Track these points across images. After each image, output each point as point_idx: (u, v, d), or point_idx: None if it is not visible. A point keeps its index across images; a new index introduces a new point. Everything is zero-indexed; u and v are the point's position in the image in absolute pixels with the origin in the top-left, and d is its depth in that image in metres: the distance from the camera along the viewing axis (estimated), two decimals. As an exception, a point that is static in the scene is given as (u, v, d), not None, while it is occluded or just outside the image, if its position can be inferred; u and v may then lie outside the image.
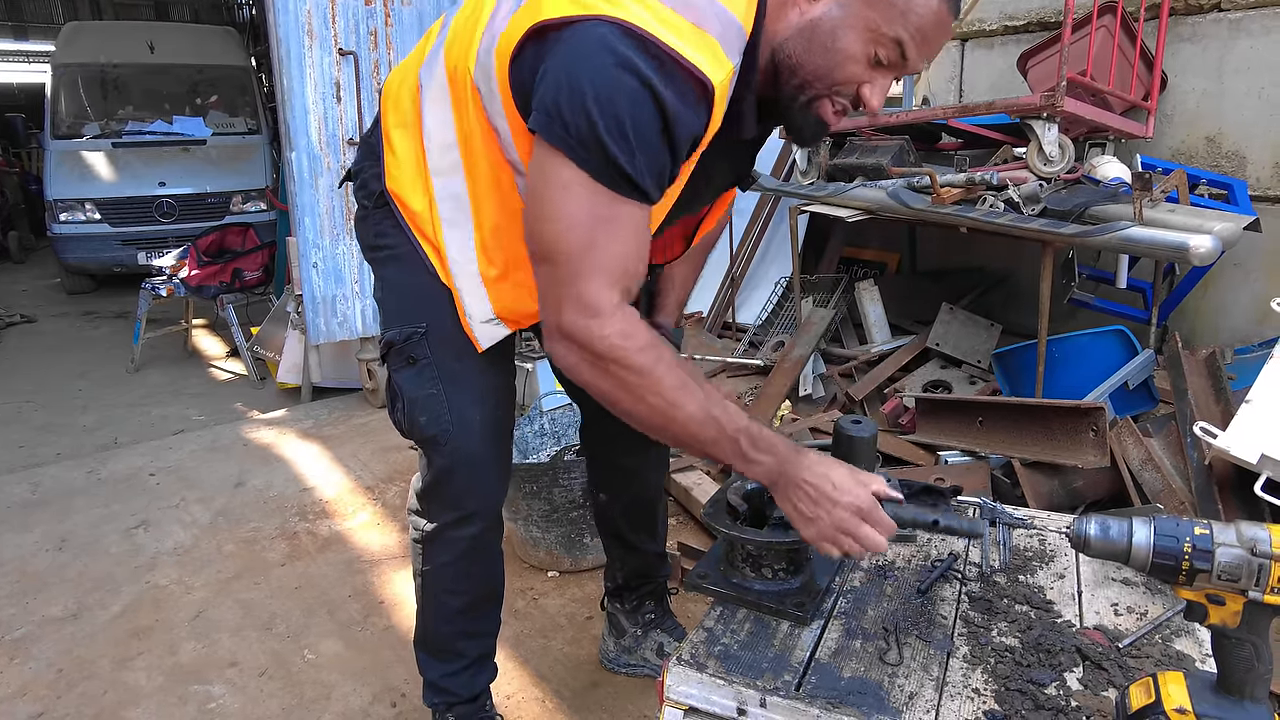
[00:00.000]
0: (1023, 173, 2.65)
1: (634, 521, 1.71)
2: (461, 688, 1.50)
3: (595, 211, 0.98)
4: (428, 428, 1.30)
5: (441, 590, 1.44)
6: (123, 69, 6.86)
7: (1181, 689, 0.84)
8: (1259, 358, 2.16)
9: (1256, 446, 1.69)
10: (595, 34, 0.93)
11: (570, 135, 0.95)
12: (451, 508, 1.36)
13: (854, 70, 1.02)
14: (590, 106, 0.93)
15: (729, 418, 1.03)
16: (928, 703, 0.95)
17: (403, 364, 1.30)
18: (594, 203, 0.98)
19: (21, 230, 9.34)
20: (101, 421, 3.87)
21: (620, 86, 0.92)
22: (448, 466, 1.33)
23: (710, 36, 0.96)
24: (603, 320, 0.99)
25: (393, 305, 1.32)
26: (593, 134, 0.93)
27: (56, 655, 2.02)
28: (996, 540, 1.29)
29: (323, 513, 2.72)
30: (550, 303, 1.03)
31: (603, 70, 0.92)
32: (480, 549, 1.41)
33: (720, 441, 1.03)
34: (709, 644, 1.06)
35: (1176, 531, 0.82)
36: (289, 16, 3.25)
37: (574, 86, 0.94)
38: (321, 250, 3.51)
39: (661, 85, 0.93)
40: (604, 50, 0.93)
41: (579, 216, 0.98)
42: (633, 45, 0.92)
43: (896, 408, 2.69)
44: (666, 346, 1.04)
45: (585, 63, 0.94)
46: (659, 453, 1.69)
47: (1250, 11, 2.80)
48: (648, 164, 0.97)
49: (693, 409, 1.01)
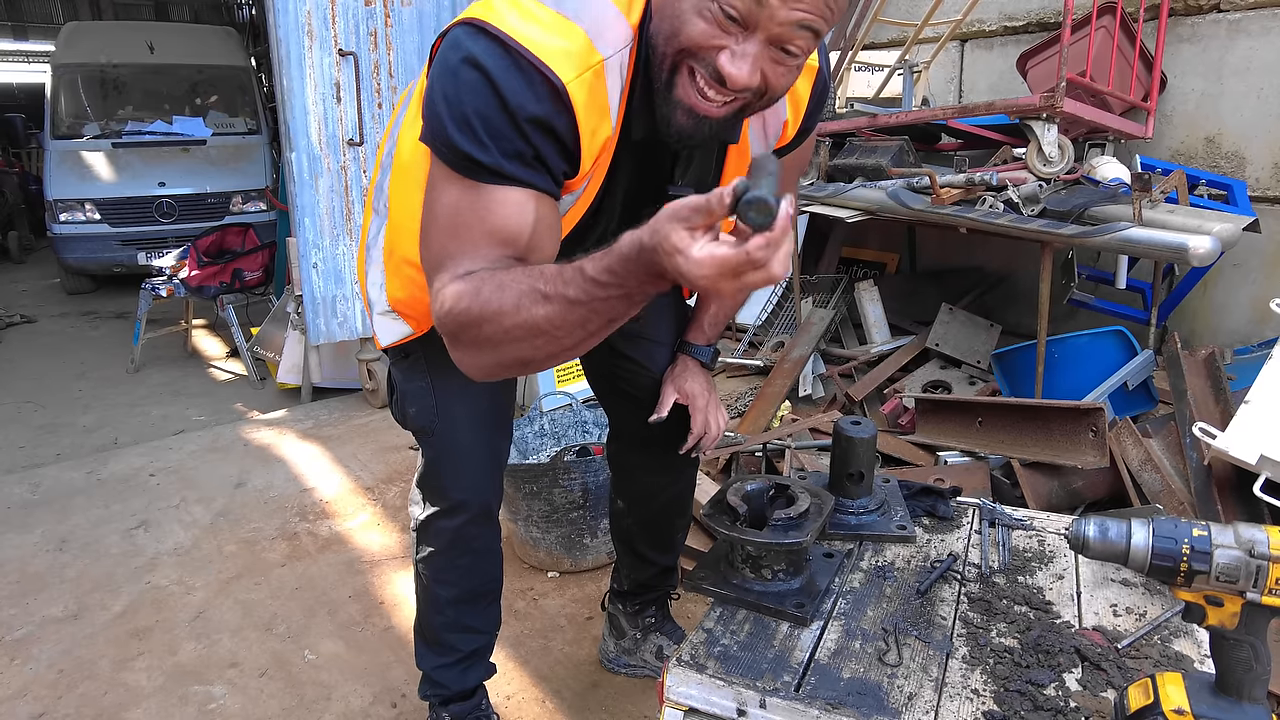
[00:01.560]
0: (1022, 173, 2.65)
1: (649, 534, 1.69)
2: (453, 681, 1.51)
3: (459, 204, 0.96)
4: (417, 419, 1.35)
5: (432, 580, 1.47)
6: (122, 69, 6.86)
7: (1180, 690, 0.85)
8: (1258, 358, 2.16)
9: (1255, 447, 1.69)
10: (452, 37, 0.96)
11: (434, 136, 0.96)
12: (440, 497, 1.40)
13: (701, 28, 0.90)
14: (439, 105, 0.94)
15: (574, 277, 0.85)
16: (927, 703, 0.95)
17: (398, 358, 1.35)
18: (459, 196, 0.96)
19: (21, 230, 9.32)
20: (101, 422, 3.87)
21: (462, 82, 0.93)
22: (436, 457, 1.38)
23: (577, 26, 0.94)
24: (441, 297, 0.94)
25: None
26: (443, 131, 0.94)
27: (57, 656, 2.03)
28: (996, 541, 1.29)
29: (323, 513, 2.72)
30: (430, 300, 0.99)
31: (449, 68, 0.94)
32: (467, 540, 1.42)
33: (581, 303, 0.86)
34: (709, 645, 1.06)
35: (1175, 533, 0.82)
36: (289, 17, 3.25)
37: (432, 89, 0.96)
38: (321, 250, 3.51)
39: (501, 76, 0.91)
40: (452, 49, 0.95)
41: (444, 210, 0.98)
42: (481, 41, 0.93)
43: (896, 408, 2.69)
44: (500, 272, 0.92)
45: (439, 65, 0.96)
46: (685, 473, 1.64)
47: (1249, 12, 2.80)
48: (504, 151, 0.93)
49: (546, 310, 0.87)
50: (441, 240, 0.98)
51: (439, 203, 0.98)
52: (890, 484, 1.41)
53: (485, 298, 0.90)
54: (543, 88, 0.93)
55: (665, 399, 1.44)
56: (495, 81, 0.91)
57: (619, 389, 1.53)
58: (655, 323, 1.47)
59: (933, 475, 2.17)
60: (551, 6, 0.95)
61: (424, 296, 1.12)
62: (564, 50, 0.93)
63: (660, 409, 1.43)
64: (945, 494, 1.40)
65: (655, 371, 1.48)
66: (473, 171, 0.95)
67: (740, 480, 1.25)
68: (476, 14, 0.95)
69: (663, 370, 1.48)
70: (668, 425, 1.45)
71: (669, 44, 0.94)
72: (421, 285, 1.11)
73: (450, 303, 0.93)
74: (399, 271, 1.23)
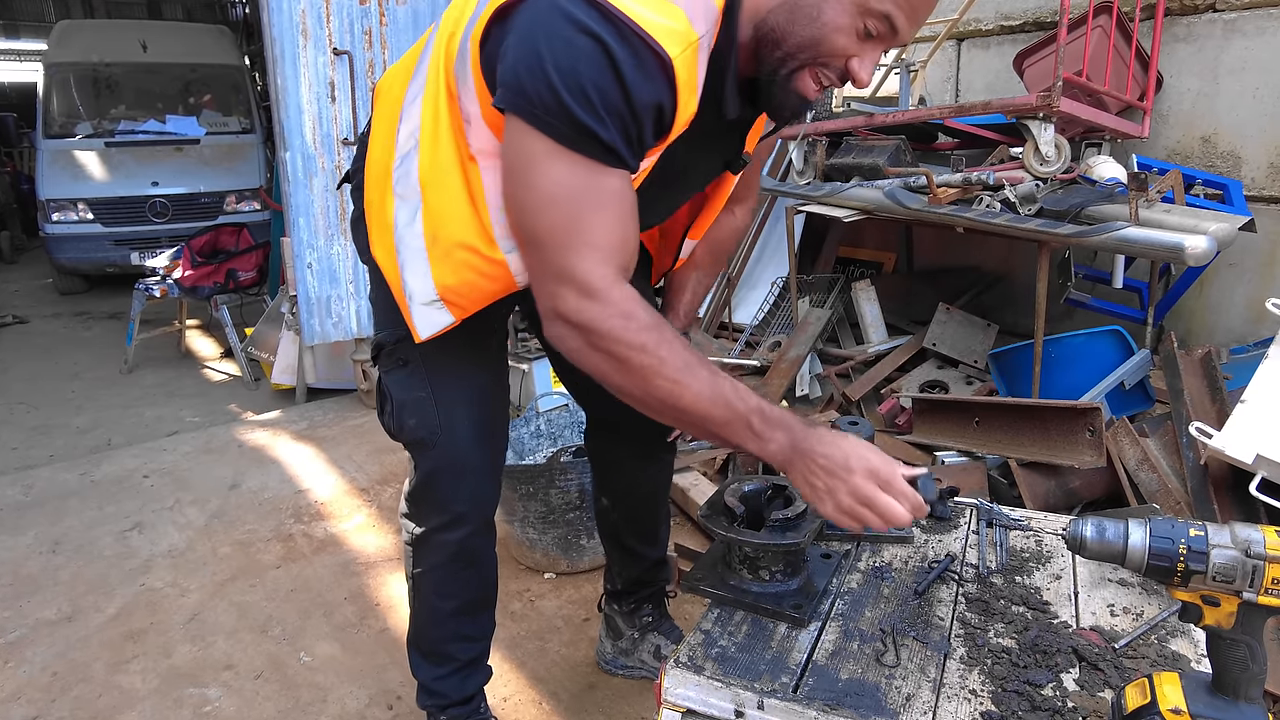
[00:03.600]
0: (1019, 173, 2.65)
1: (635, 527, 1.70)
2: (453, 690, 1.50)
3: (574, 182, 0.95)
4: (416, 430, 1.30)
5: (432, 593, 1.43)
6: (115, 68, 6.83)
7: (1177, 689, 0.85)
8: (1254, 357, 2.16)
9: (1252, 447, 1.69)
10: (550, 2, 0.93)
11: (535, 105, 0.93)
12: (440, 510, 1.35)
13: (843, 43, 0.99)
14: (550, 73, 0.91)
15: (739, 396, 0.99)
16: (925, 704, 0.95)
17: (393, 365, 1.30)
18: (571, 173, 0.95)
19: (13, 230, 9.29)
20: (95, 423, 3.85)
21: (578, 50, 0.91)
22: (435, 469, 1.32)
23: (677, 8, 0.94)
24: (601, 301, 0.96)
25: (383, 306, 1.31)
26: (556, 101, 0.91)
27: (50, 658, 2.02)
28: (994, 541, 1.29)
29: (318, 515, 2.71)
30: (544, 286, 1.00)
31: (559, 35, 0.91)
32: (470, 552, 1.40)
33: (732, 422, 0.99)
34: (706, 646, 1.06)
35: (1171, 533, 0.82)
36: (283, 16, 3.24)
37: (533, 55, 0.92)
38: (316, 251, 3.50)
39: (618, 49, 0.91)
40: (559, 16, 0.91)
41: (559, 189, 0.95)
42: (588, 9, 0.91)
43: (893, 408, 2.69)
44: (669, 326, 1.00)
45: (541, 30, 0.93)
46: (664, 459, 1.67)
47: (1245, 12, 2.81)
48: (618, 127, 0.94)
49: (701, 389, 0.98)
50: (554, 221, 0.96)
51: (546, 175, 0.95)
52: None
53: (668, 359, 0.97)
54: (654, 64, 0.93)
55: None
56: (613, 54, 0.90)
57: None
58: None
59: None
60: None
61: (482, 281, 1.14)
62: (669, 29, 0.93)
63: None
64: (942, 494, 1.40)
65: None
66: (589, 148, 0.94)
67: (737, 481, 1.25)
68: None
69: None
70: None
71: (805, 49, 1.00)
72: (480, 269, 1.12)
73: (621, 322, 0.96)
74: (449, 256, 1.15)
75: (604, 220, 0.97)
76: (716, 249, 1.52)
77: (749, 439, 1.00)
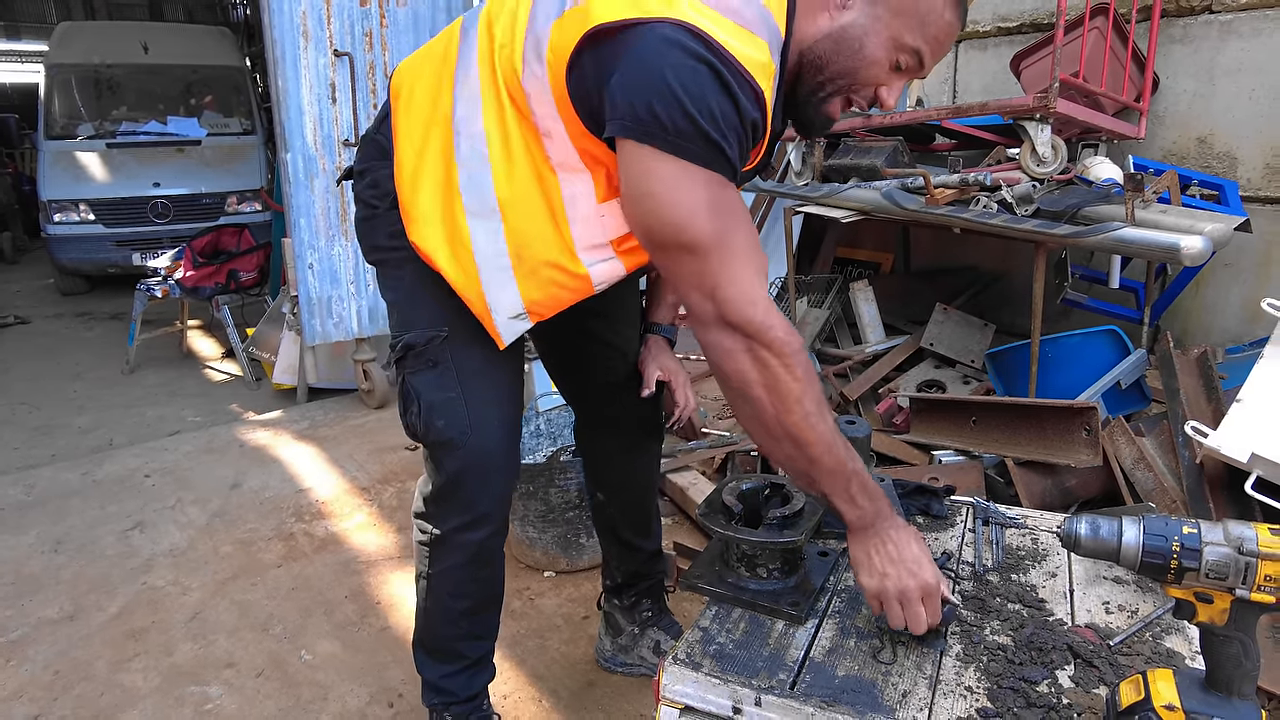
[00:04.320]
0: (1016, 173, 2.66)
1: (630, 519, 1.73)
2: (460, 688, 1.51)
3: (713, 196, 1.01)
4: (445, 431, 1.30)
5: (446, 594, 1.43)
6: (117, 69, 6.84)
7: (1170, 686, 0.86)
8: (1249, 357, 2.17)
9: (1247, 445, 1.70)
10: (663, 34, 0.97)
11: (669, 131, 0.98)
12: (464, 511, 1.36)
13: (877, 74, 1.09)
14: (683, 99, 0.96)
15: (850, 455, 1.05)
16: (921, 701, 0.96)
17: (422, 367, 1.30)
18: (709, 189, 1.01)
19: (15, 231, 9.30)
20: (96, 423, 3.86)
21: (704, 80, 0.97)
22: (462, 469, 1.32)
23: (761, 39, 1.01)
24: (767, 313, 1.02)
25: (410, 307, 1.31)
26: (692, 126, 0.97)
27: (53, 657, 2.02)
28: (990, 539, 1.30)
29: (319, 514, 2.72)
30: (703, 290, 1.04)
31: (683, 67, 0.96)
32: (488, 552, 1.41)
33: (836, 475, 1.04)
34: (704, 643, 1.07)
35: (1165, 530, 0.83)
36: (284, 17, 3.25)
37: (660, 84, 0.97)
38: (317, 251, 3.51)
39: (734, 79, 0.98)
40: (677, 48, 0.96)
41: (700, 204, 1.01)
42: (697, 41, 0.97)
43: (891, 407, 2.70)
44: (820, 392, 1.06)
45: (663, 60, 0.97)
46: (653, 452, 1.72)
47: (1240, 14, 2.82)
48: (736, 145, 1.01)
49: (825, 431, 1.03)
50: (704, 232, 1.01)
51: (687, 192, 1.00)
52: (885, 483, 1.42)
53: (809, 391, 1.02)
54: (751, 96, 1.00)
55: (650, 376, 1.57)
56: (729, 83, 0.97)
57: (595, 378, 1.59)
58: (622, 312, 1.56)
59: (927, 474, 2.18)
60: (729, 17, 0.99)
61: (564, 293, 1.23)
62: (759, 62, 1.00)
63: (648, 385, 1.57)
64: (939, 493, 1.41)
65: (631, 356, 1.59)
66: (720, 166, 1.01)
67: (735, 479, 1.25)
68: (674, 15, 0.97)
69: (636, 353, 1.60)
70: (633, 404, 1.58)
71: (844, 77, 1.10)
72: (563, 283, 1.21)
73: (785, 337, 1.01)
74: (536, 274, 1.22)
75: (746, 234, 1.06)
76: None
77: (842, 496, 1.05)
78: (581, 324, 1.49)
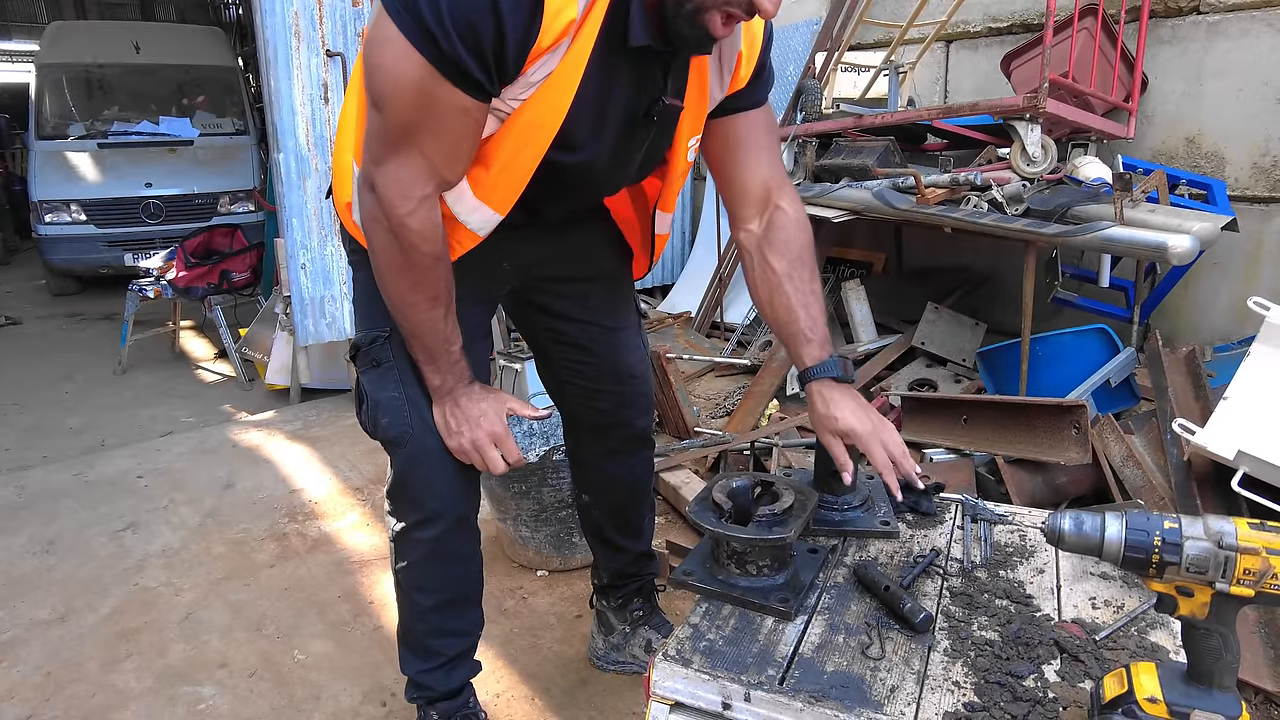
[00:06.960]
0: (1006, 173, 2.68)
1: (616, 522, 1.72)
2: (438, 683, 1.51)
3: (419, 84, 1.02)
4: (389, 429, 1.33)
5: (412, 588, 1.45)
6: (108, 69, 6.82)
7: (1153, 679, 0.87)
8: (1237, 355, 2.19)
9: (1234, 443, 1.72)
10: None
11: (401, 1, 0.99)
12: (415, 509, 1.37)
13: None
14: None
15: (450, 340, 1.24)
16: (909, 695, 0.96)
17: (368, 365, 1.33)
18: (419, 74, 1.01)
19: (6, 231, 9.25)
20: (89, 424, 3.85)
21: None
22: (406, 467, 1.35)
23: None
24: (412, 207, 1.11)
25: (362, 308, 1.36)
26: (416, 3, 0.97)
27: (44, 658, 2.02)
28: (978, 536, 1.31)
29: (312, 514, 2.72)
30: (373, 152, 1.11)
31: None
32: (444, 550, 1.41)
33: (435, 351, 1.24)
34: (694, 640, 1.08)
35: (1147, 526, 0.84)
36: (276, 18, 3.25)
37: None
38: (309, 251, 3.51)
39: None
40: None
41: (404, 79, 1.02)
42: None
43: (882, 406, 2.71)
44: (447, 258, 1.18)
45: None
46: (639, 454, 1.69)
47: (1228, 15, 2.84)
48: (471, 55, 0.99)
49: (432, 317, 1.20)
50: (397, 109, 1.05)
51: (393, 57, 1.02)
52: (874, 480, 1.43)
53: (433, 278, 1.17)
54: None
55: (837, 454, 1.25)
56: None
57: (568, 382, 1.58)
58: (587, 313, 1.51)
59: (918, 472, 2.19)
60: None
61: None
62: None
63: (842, 468, 1.24)
64: (928, 490, 1.42)
65: (604, 360, 1.54)
66: (431, 53, 0.99)
67: (726, 477, 1.26)
68: None
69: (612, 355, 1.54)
70: (612, 410, 1.56)
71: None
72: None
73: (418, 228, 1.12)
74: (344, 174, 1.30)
75: (436, 142, 1.08)
76: (787, 251, 1.37)
77: (428, 366, 1.26)
78: (551, 325, 1.52)
